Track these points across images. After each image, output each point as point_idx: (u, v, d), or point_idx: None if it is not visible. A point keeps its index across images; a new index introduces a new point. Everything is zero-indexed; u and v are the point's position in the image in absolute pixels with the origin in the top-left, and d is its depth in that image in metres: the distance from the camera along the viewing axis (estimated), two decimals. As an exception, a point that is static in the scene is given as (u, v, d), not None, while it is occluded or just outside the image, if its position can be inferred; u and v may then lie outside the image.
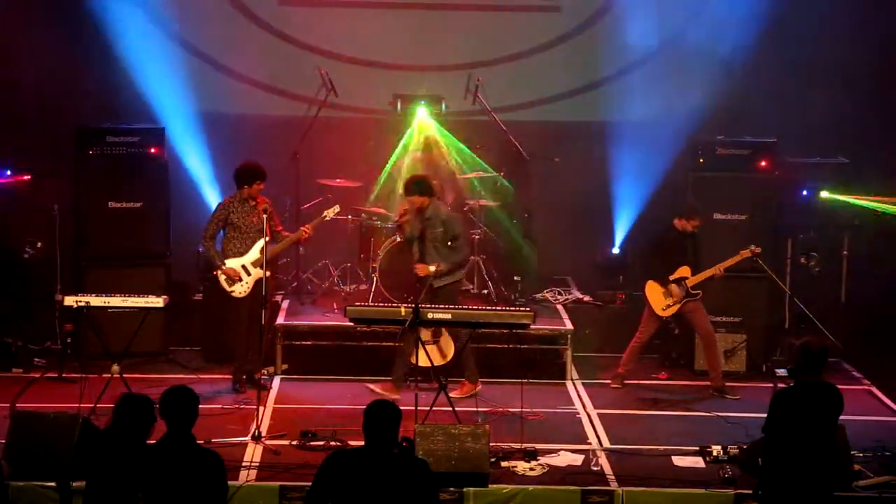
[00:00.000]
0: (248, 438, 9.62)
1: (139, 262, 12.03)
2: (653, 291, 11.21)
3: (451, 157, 12.90)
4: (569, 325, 11.88)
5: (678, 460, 9.41)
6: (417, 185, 10.67)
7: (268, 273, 10.39)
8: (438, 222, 10.63)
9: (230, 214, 10.67)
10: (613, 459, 9.41)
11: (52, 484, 8.33)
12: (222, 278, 10.66)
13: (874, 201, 12.10)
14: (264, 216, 10.47)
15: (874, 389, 11.58)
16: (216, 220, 10.73)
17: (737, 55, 13.24)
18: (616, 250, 13.25)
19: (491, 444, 8.94)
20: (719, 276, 11.10)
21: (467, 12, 13.62)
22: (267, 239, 10.43)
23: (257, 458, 9.24)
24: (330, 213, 11.12)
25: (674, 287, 11.11)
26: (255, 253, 10.65)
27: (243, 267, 10.65)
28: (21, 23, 12.52)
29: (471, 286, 12.50)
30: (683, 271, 11.12)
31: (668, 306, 11.14)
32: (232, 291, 10.67)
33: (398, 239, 11.92)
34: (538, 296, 12.78)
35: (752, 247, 11.07)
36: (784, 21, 12.99)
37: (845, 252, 12.58)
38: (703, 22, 13.45)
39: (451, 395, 10.09)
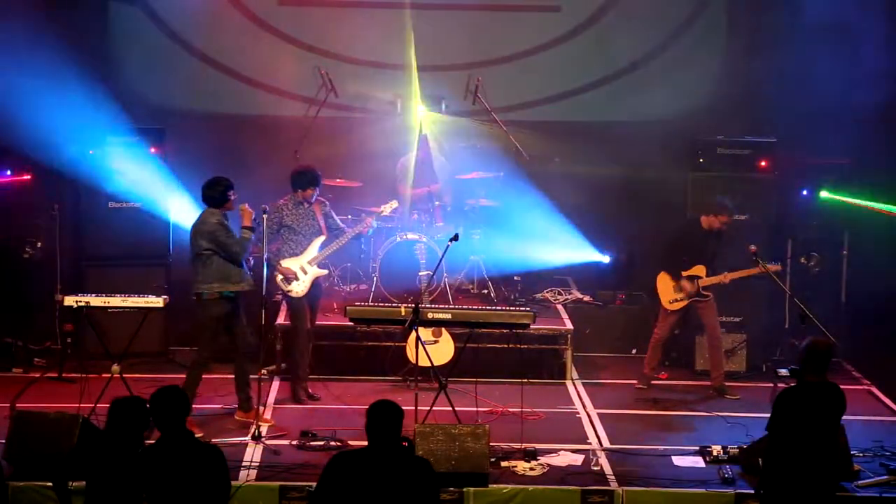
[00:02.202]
0: (248, 438, 9.63)
1: (139, 262, 12.03)
2: (663, 284, 11.20)
3: (449, 157, 12.92)
4: (569, 325, 11.88)
5: (678, 460, 9.42)
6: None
7: (327, 271, 10.90)
8: None
9: (283, 217, 10.64)
10: (613, 459, 9.41)
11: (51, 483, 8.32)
12: (279, 278, 10.61)
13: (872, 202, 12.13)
14: (321, 216, 10.65)
15: (874, 389, 11.59)
16: (269, 222, 10.50)
17: (736, 54, 13.26)
18: (606, 258, 13.22)
19: (491, 444, 8.94)
20: (725, 283, 11.09)
21: (467, 12, 13.61)
22: (325, 237, 10.65)
23: (257, 458, 9.25)
24: (387, 209, 11.23)
25: (685, 283, 11.10)
26: (312, 252, 10.66)
27: (301, 267, 10.62)
28: (22, 23, 12.51)
29: (471, 286, 12.52)
30: (698, 270, 11.10)
31: (676, 300, 11.14)
32: (289, 291, 10.63)
33: (398, 239, 11.94)
34: (538, 296, 12.78)
35: (774, 266, 11.02)
36: (784, 20, 12.99)
37: (845, 252, 12.59)
38: (703, 21, 13.47)
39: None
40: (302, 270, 10.62)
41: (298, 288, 10.61)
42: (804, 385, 7.57)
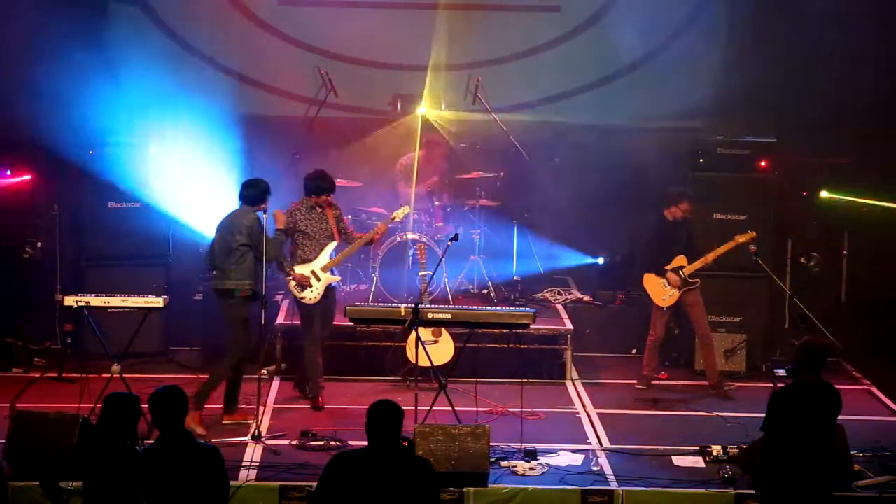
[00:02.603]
0: (248, 438, 9.63)
1: (139, 262, 12.04)
2: (651, 284, 11.23)
3: (449, 157, 12.93)
4: (569, 325, 11.88)
5: (678, 460, 9.42)
6: None
7: (339, 277, 10.82)
8: None
9: (297, 222, 10.58)
10: (613, 459, 9.42)
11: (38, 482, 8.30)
12: (292, 284, 10.51)
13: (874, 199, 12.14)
14: (333, 220, 10.56)
15: (874, 389, 11.58)
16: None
17: (736, 54, 13.26)
18: (601, 260, 13.22)
19: (491, 444, 8.94)
20: (709, 262, 11.13)
21: (467, 12, 13.61)
22: (337, 242, 10.56)
23: (257, 458, 9.25)
24: (399, 214, 11.08)
25: (671, 276, 11.14)
26: (324, 258, 10.58)
27: (313, 273, 10.52)
28: (22, 23, 12.52)
29: (471, 286, 12.51)
30: (680, 260, 11.17)
31: (668, 296, 11.16)
32: (302, 298, 10.52)
33: (398, 239, 11.94)
34: (538, 296, 12.78)
35: (746, 235, 11.04)
36: (784, 20, 12.99)
37: (845, 252, 12.59)
38: (703, 22, 13.47)
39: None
40: (315, 277, 10.53)
41: (311, 295, 10.50)
42: (799, 384, 7.57)
